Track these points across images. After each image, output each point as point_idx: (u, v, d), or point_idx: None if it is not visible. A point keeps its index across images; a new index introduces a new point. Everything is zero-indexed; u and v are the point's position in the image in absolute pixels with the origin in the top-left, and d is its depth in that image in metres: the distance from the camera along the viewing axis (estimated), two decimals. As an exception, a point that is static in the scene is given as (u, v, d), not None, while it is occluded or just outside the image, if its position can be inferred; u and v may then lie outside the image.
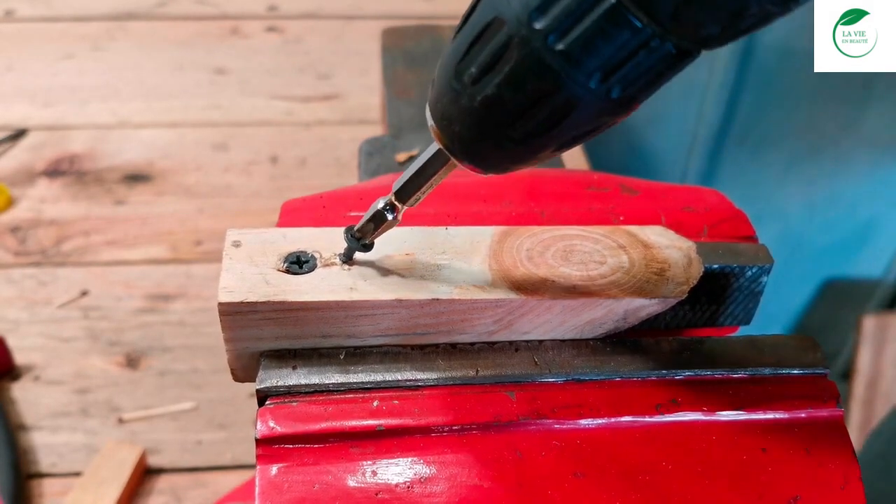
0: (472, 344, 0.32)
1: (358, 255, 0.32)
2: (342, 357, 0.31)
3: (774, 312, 1.38)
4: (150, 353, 0.74)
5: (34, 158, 0.94)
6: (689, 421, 0.31)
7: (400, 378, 0.30)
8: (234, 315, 0.30)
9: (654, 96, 0.29)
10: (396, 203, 0.30)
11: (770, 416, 0.31)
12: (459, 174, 0.30)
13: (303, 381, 0.30)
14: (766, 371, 0.32)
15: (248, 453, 0.66)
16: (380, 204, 0.30)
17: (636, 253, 0.33)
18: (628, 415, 0.30)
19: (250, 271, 0.31)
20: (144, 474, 0.64)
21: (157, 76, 1.08)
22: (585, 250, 0.33)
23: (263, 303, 0.30)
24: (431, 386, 0.30)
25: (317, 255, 0.32)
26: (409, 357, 0.31)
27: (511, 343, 0.32)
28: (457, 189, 0.40)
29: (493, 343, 0.32)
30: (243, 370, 0.32)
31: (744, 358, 0.32)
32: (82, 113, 1.01)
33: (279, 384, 0.30)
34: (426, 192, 0.30)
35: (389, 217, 0.30)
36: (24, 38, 1.13)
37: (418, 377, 0.31)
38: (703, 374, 0.32)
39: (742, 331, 0.38)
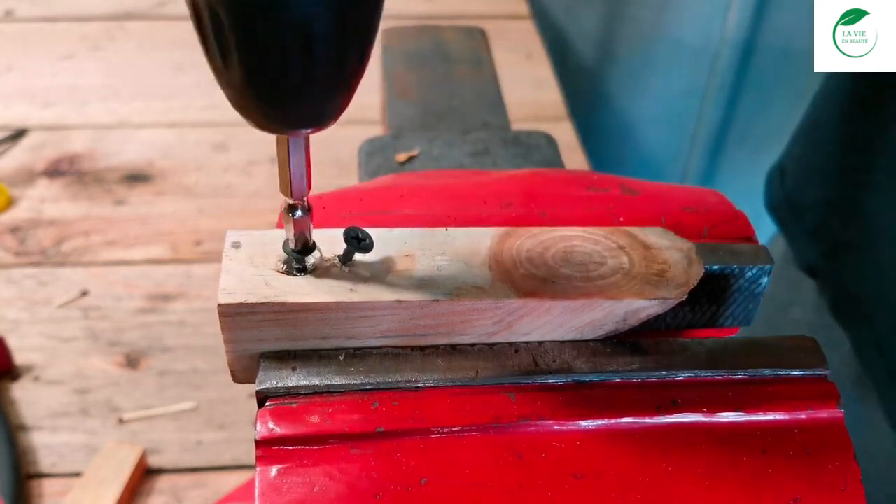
0: (472, 345, 0.32)
1: (358, 257, 0.32)
2: (342, 358, 0.31)
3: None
4: (150, 353, 0.74)
5: (34, 158, 0.94)
6: (689, 422, 0.31)
7: (400, 379, 0.30)
8: (234, 316, 0.30)
9: (655, 96, 0.29)
10: (289, 201, 0.30)
11: (770, 417, 0.31)
12: (459, 175, 0.30)
13: (303, 383, 0.30)
14: (767, 372, 0.32)
15: (248, 453, 0.66)
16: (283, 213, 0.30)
17: (636, 254, 0.33)
18: (628, 416, 0.30)
19: (250, 272, 0.31)
20: (144, 474, 0.64)
21: (157, 76, 1.08)
22: (585, 251, 0.33)
23: (263, 304, 0.30)
24: (431, 387, 0.30)
25: (317, 256, 0.32)
26: (409, 358, 0.31)
27: (511, 344, 0.32)
28: (457, 190, 0.40)
29: (493, 344, 0.32)
30: (243, 371, 0.32)
31: (744, 359, 0.32)
32: (82, 113, 1.01)
33: (279, 385, 0.30)
34: (297, 177, 0.30)
35: (295, 216, 0.30)
36: (24, 38, 1.13)
37: (418, 378, 0.30)
38: (703, 375, 0.32)
39: (742, 332, 0.38)
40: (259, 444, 0.28)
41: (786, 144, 0.71)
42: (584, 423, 0.30)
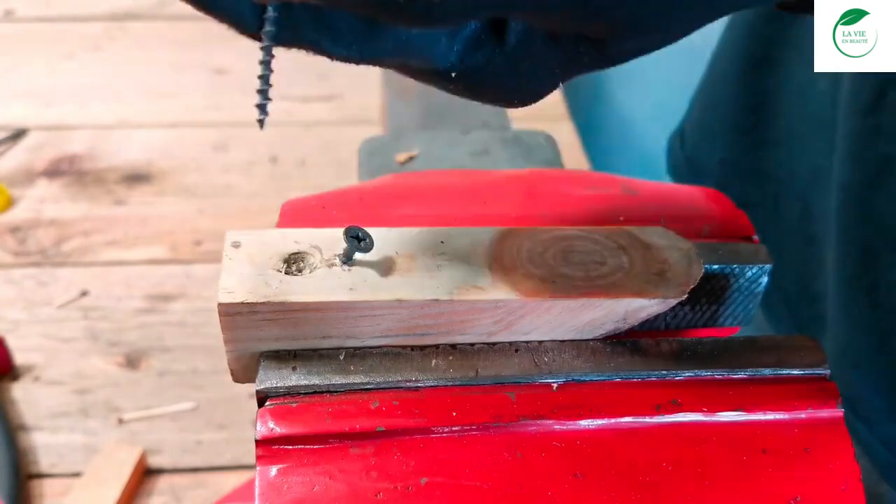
0: (472, 345, 0.32)
1: (358, 256, 0.32)
2: (342, 358, 0.31)
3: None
4: (150, 353, 0.74)
5: (34, 158, 0.94)
6: (689, 422, 0.31)
7: (400, 379, 0.30)
8: (234, 316, 0.30)
9: (655, 96, 0.29)
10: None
11: (770, 416, 0.31)
12: (459, 175, 0.30)
13: (302, 382, 0.30)
14: (767, 371, 0.32)
15: (248, 453, 0.66)
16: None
17: (636, 253, 0.33)
18: (628, 415, 0.30)
19: (250, 272, 0.31)
20: (144, 474, 0.64)
21: (157, 76, 1.08)
22: (585, 251, 0.33)
23: (263, 304, 0.30)
24: (431, 387, 0.30)
25: (317, 256, 0.32)
26: (409, 358, 0.31)
27: (511, 344, 0.32)
28: (457, 190, 0.40)
29: (493, 344, 0.32)
30: (243, 371, 0.32)
31: (744, 358, 0.32)
32: (82, 113, 1.01)
33: (279, 385, 0.30)
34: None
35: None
36: (24, 38, 1.14)
37: (418, 378, 0.30)
38: (703, 374, 0.32)
39: (742, 331, 0.38)
40: (259, 443, 0.28)
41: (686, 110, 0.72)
42: (584, 423, 0.30)
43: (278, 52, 0.27)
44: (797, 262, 0.58)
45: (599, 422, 0.30)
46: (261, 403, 0.30)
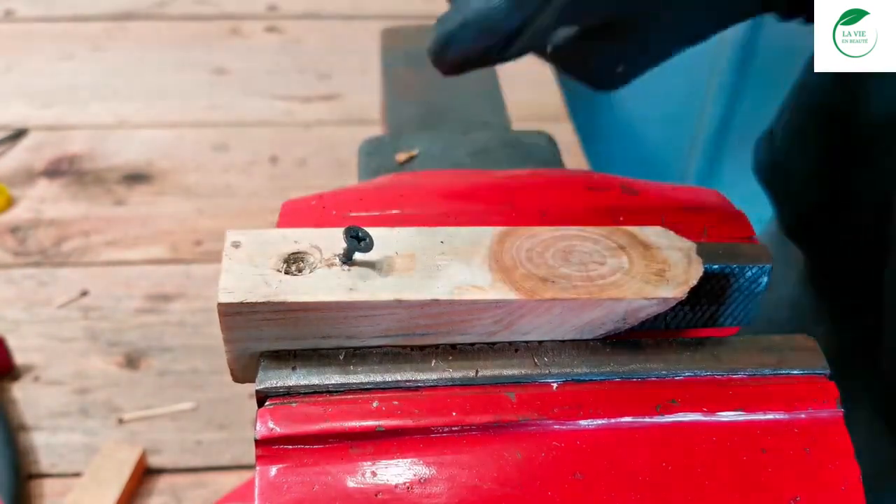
0: (472, 344, 0.32)
1: (358, 256, 0.32)
2: (342, 358, 0.31)
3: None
4: (150, 353, 0.74)
5: (34, 158, 0.94)
6: (688, 421, 0.31)
7: (400, 379, 0.30)
8: (234, 316, 0.30)
9: (655, 96, 0.29)
10: None
11: (770, 416, 0.31)
12: (459, 175, 0.29)
13: (302, 382, 0.30)
14: (767, 371, 0.32)
15: (248, 453, 0.66)
16: None
17: (636, 253, 0.33)
18: (628, 415, 0.30)
19: (250, 272, 0.31)
20: (144, 474, 0.64)
21: (157, 76, 1.08)
22: (585, 251, 0.33)
23: (263, 303, 0.30)
24: (431, 387, 0.30)
25: (317, 256, 0.32)
26: (409, 358, 0.31)
27: (511, 344, 0.32)
28: (457, 190, 0.40)
29: (493, 344, 0.32)
30: (243, 371, 0.32)
31: (744, 358, 0.32)
32: (82, 113, 1.01)
33: (279, 385, 0.30)
34: None
35: None
36: (24, 38, 1.14)
37: (418, 378, 0.30)
38: (702, 374, 0.32)
39: (742, 331, 0.38)
40: (259, 443, 0.28)
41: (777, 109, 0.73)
42: (584, 423, 0.30)
43: (279, 52, 0.27)
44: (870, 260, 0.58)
45: (599, 422, 0.30)
46: (261, 403, 0.30)
